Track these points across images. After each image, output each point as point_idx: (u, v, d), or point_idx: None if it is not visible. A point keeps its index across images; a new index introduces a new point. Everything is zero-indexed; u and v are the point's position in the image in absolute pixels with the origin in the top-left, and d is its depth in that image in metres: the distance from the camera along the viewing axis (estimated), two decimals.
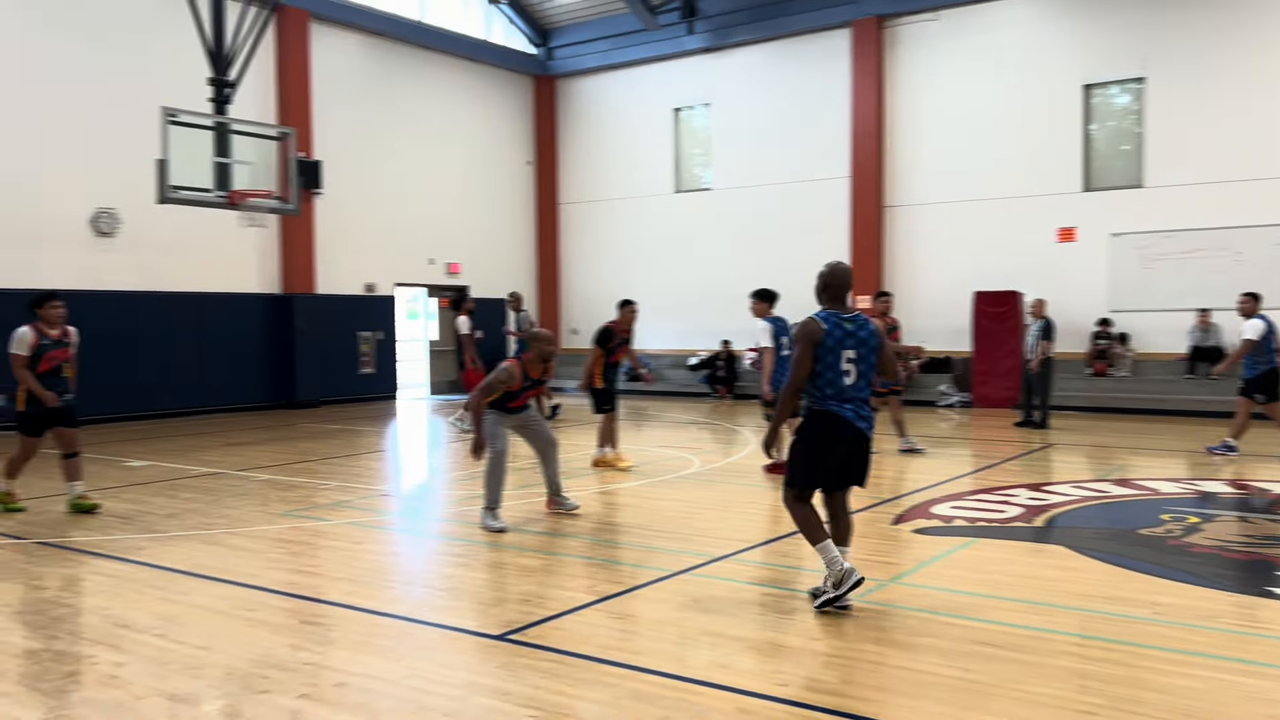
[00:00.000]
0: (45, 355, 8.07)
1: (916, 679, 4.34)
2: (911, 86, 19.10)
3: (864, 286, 19.35)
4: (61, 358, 8.16)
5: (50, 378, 8.11)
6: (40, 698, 4.22)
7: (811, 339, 5.34)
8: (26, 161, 14.89)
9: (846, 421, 5.36)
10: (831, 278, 5.59)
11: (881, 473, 10.54)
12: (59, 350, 8.15)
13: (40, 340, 8.04)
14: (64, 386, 8.25)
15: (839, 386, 5.34)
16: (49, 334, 8.10)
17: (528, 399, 7.80)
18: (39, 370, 8.05)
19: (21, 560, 6.73)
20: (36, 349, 8.01)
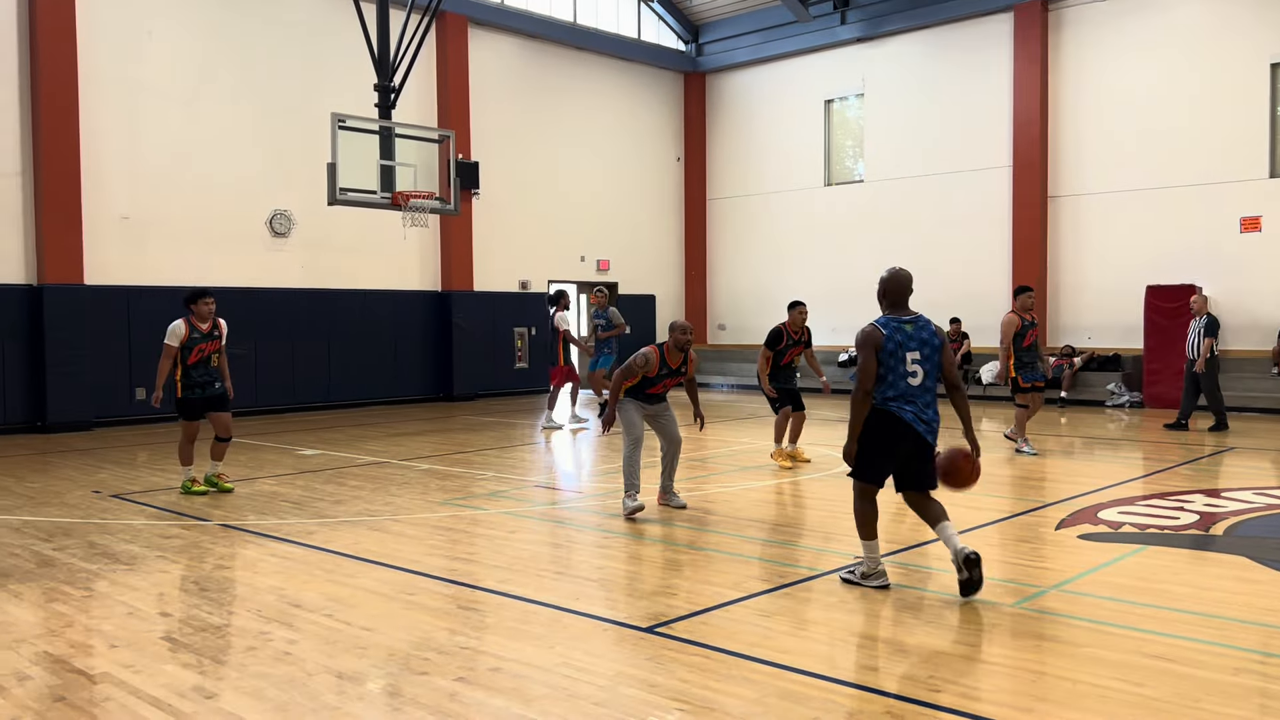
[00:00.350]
0: (195, 347, 8.79)
1: (1081, 691, 4.15)
2: (1078, 71, 18.23)
3: (1027, 280, 18.59)
4: (211, 349, 8.88)
5: (201, 367, 8.86)
6: (222, 669, 4.52)
7: (873, 344, 5.52)
8: (210, 168, 15.95)
9: (906, 423, 5.51)
10: (891, 283, 5.77)
11: (1044, 476, 10.12)
12: (208, 343, 8.86)
13: (191, 333, 8.76)
14: (214, 375, 8.98)
15: (901, 388, 5.52)
16: (200, 327, 8.81)
17: (666, 387, 7.99)
18: (190, 360, 8.78)
19: (207, 541, 7.23)
20: (187, 341, 8.74)
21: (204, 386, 8.93)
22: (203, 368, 8.88)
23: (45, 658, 4.71)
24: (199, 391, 8.90)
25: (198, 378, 8.87)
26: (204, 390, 8.93)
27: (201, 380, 8.90)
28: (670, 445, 8.13)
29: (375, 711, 4.03)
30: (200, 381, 8.90)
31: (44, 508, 8.54)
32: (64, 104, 14.29)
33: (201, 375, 8.89)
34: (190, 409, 8.94)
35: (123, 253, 15.10)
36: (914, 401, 5.52)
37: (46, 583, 6.08)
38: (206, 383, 8.93)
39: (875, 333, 5.55)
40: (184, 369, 8.81)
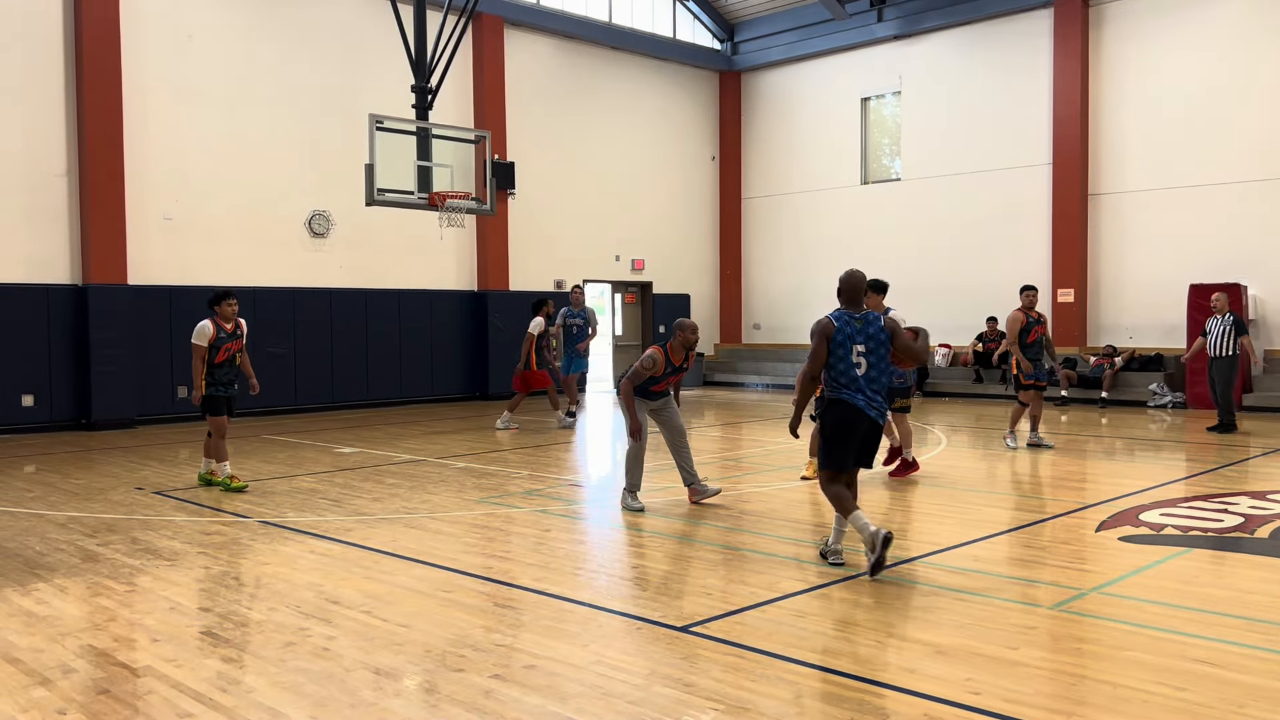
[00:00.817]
0: (222, 347, 9.10)
1: (1123, 695, 4.09)
2: (1119, 67, 17.98)
3: (1067, 280, 18.44)
4: (235, 348, 9.20)
5: (226, 366, 9.15)
6: (261, 664, 4.58)
7: (825, 333, 6.18)
8: (250, 169, 16.15)
9: (858, 409, 6.11)
10: (847, 283, 6.32)
11: (1085, 477, 9.99)
12: (233, 342, 9.17)
13: (218, 333, 9.05)
14: (236, 374, 9.27)
15: (850, 376, 6.14)
16: (225, 327, 9.12)
17: (669, 384, 8.16)
18: (216, 360, 9.07)
19: (247, 537, 7.32)
20: (215, 341, 9.03)
21: (228, 385, 9.25)
22: (228, 366, 9.19)
23: (89, 651, 4.79)
24: (224, 389, 9.20)
25: (223, 376, 9.16)
26: (228, 389, 9.25)
27: (226, 379, 9.21)
28: (677, 435, 8.26)
29: (412, 708, 4.06)
30: (225, 380, 9.20)
31: (88, 504, 8.70)
32: (108, 107, 14.54)
33: (226, 374, 9.19)
34: (217, 405, 9.21)
35: (165, 253, 15.33)
36: (864, 390, 6.12)
37: (91, 577, 6.19)
38: (230, 381, 9.25)
39: (828, 324, 6.19)
40: (210, 368, 9.09)
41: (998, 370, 18.63)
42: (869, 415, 6.12)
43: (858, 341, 6.14)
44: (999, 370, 18.60)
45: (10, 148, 14.01)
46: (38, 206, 14.28)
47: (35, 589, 5.92)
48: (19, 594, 5.82)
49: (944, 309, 19.99)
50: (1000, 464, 11.07)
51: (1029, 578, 5.99)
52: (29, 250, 14.21)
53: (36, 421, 14.17)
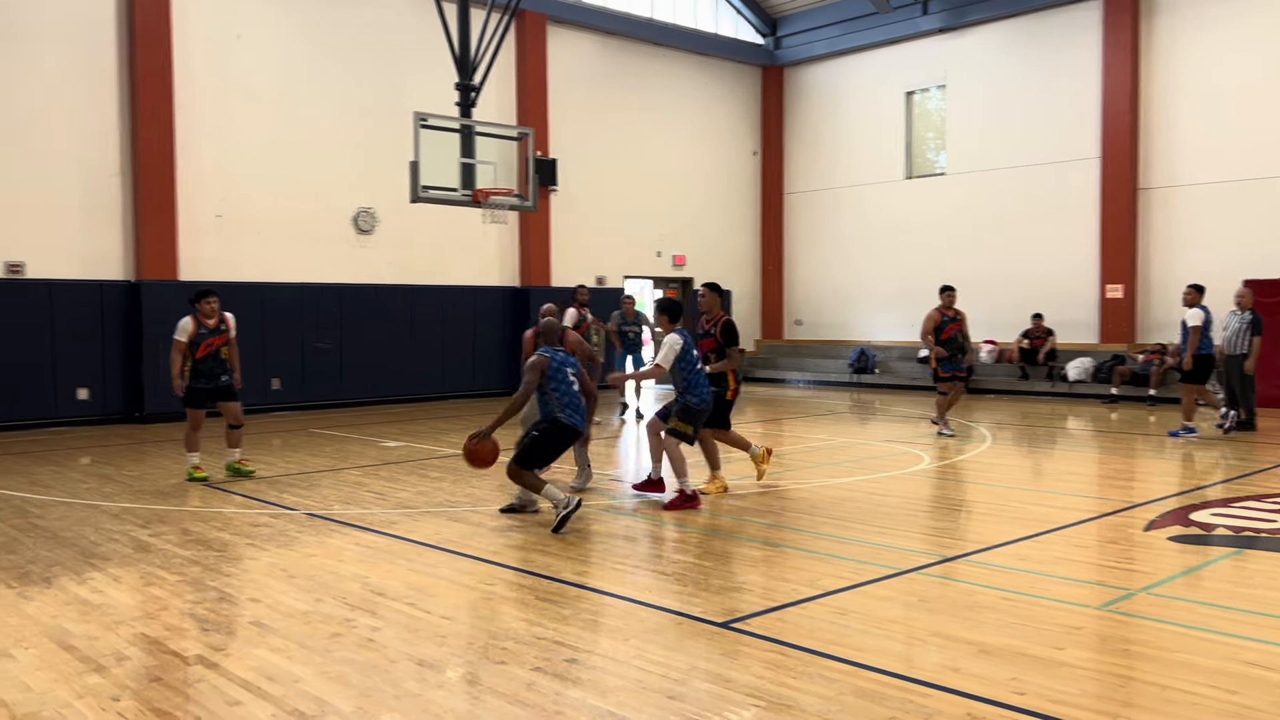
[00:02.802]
0: (203, 342, 9.41)
1: (1171, 697, 4.03)
2: (1172, 58, 17.64)
3: (1116, 275, 18.15)
4: (218, 343, 9.50)
5: (210, 360, 9.46)
6: (308, 654, 4.65)
7: (540, 368, 7.30)
8: (298, 167, 16.37)
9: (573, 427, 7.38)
10: (545, 328, 7.66)
11: (1133, 475, 9.84)
12: (215, 337, 9.48)
13: (199, 329, 9.38)
14: (222, 368, 9.55)
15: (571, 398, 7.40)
16: (206, 323, 9.42)
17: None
18: (198, 355, 9.39)
19: (294, 529, 7.43)
20: (195, 337, 9.36)
21: (211, 377, 9.50)
22: (210, 360, 9.47)
23: (142, 639, 4.90)
24: (205, 382, 9.48)
25: (205, 370, 9.45)
26: (210, 381, 9.50)
27: (208, 372, 9.48)
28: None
29: (455, 699, 4.11)
30: (207, 373, 9.47)
31: (141, 495, 8.88)
32: (160, 107, 14.82)
33: (209, 367, 9.47)
34: (196, 398, 9.50)
35: (215, 250, 15.59)
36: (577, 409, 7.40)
37: (143, 567, 6.32)
38: (214, 374, 9.51)
39: (543, 359, 7.38)
40: (193, 362, 9.41)
41: (1044, 368, 18.39)
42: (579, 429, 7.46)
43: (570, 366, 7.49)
44: (1045, 367, 18.37)
45: (66, 148, 14.32)
46: (92, 205, 14.59)
47: (90, 578, 6.07)
48: (75, 583, 5.96)
49: (989, 305, 19.75)
50: (1047, 461, 10.93)
51: (1076, 577, 5.91)
52: (84, 248, 14.52)
53: (91, 414, 14.49)
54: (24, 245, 14.01)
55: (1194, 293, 12.39)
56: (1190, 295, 12.38)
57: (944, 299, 12.67)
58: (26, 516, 7.97)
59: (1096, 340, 18.52)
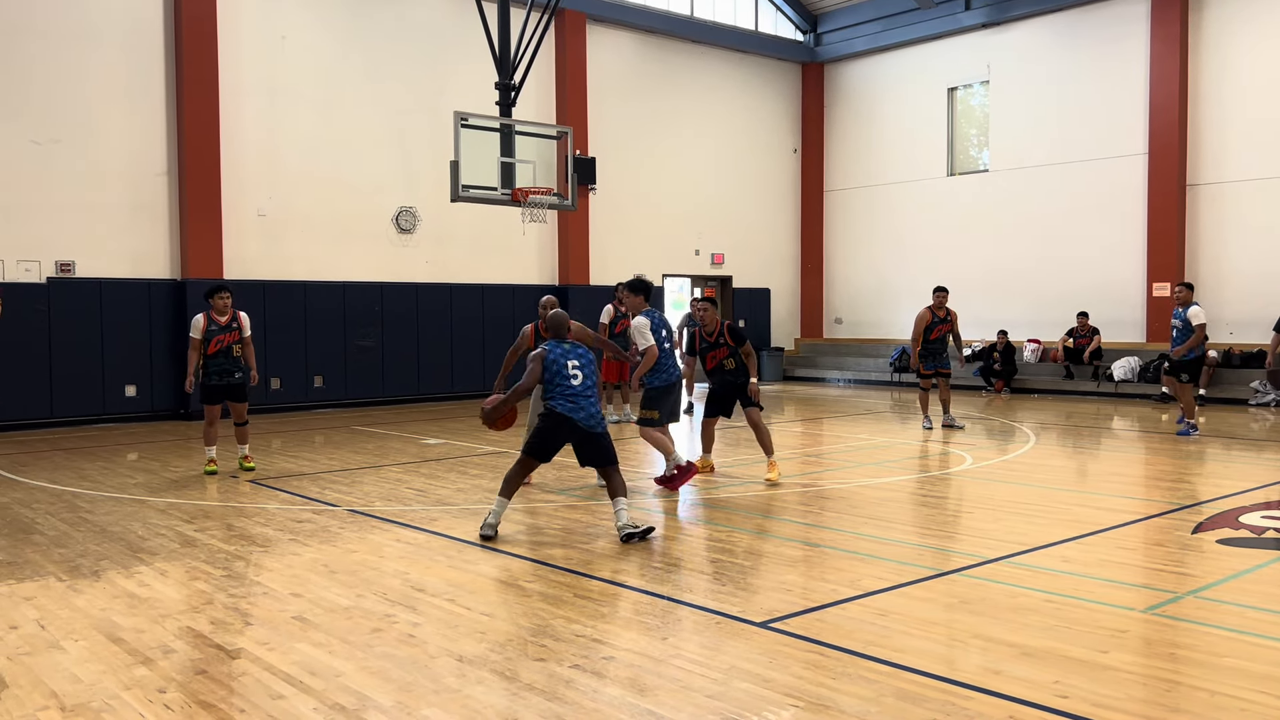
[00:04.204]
0: (214, 338, 9.50)
1: (1219, 703, 3.95)
2: (1221, 51, 17.30)
3: (1164, 273, 17.83)
4: (230, 340, 9.56)
5: (220, 357, 9.54)
6: (350, 649, 4.70)
7: (539, 359, 7.07)
8: (340, 166, 16.55)
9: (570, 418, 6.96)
10: (551, 321, 7.40)
11: (1181, 477, 9.67)
12: (226, 334, 9.55)
13: (210, 326, 9.48)
14: (235, 365, 9.63)
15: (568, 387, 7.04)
16: (217, 320, 9.53)
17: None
18: (210, 351, 9.49)
19: (336, 526, 7.52)
20: (206, 333, 9.45)
21: (223, 374, 9.60)
22: (222, 357, 9.55)
23: (188, 632, 4.98)
24: (216, 379, 9.59)
25: (215, 367, 9.54)
26: (223, 378, 9.61)
27: (220, 369, 9.57)
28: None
29: (494, 695, 4.13)
30: (218, 370, 9.57)
31: (187, 491, 9.03)
32: (206, 107, 15.05)
33: (220, 364, 9.56)
34: (208, 395, 9.63)
35: (259, 248, 15.80)
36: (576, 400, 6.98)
37: (189, 562, 6.42)
38: (225, 371, 9.60)
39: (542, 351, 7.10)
40: (204, 358, 9.49)
41: (1089, 367, 18.12)
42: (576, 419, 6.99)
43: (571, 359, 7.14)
44: (1090, 367, 18.10)
45: (115, 147, 14.59)
46: (140, 204, 14.85)
47: (137, 572, 6.18)
48: (123, 576, 6.07)
49: (1033, 304, 19.51)
50: (1092, 462, 10.77)
51: (1121, 580, 5.82)
52: (132, 246, 14.79)
53: (139, 411, 14.76)
54: (73, 245, 14.30)
55: (1188, 291, 12.30)
56: (1186, 294, 12.23)
57: (935, 299, 13.01)
58: (76, 511, 8.13)
59: (1143, 339, 18.22)
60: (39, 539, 7.11)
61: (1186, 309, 12.04)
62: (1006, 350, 18.89)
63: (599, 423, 7.02)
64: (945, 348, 13.03)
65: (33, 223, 13.99)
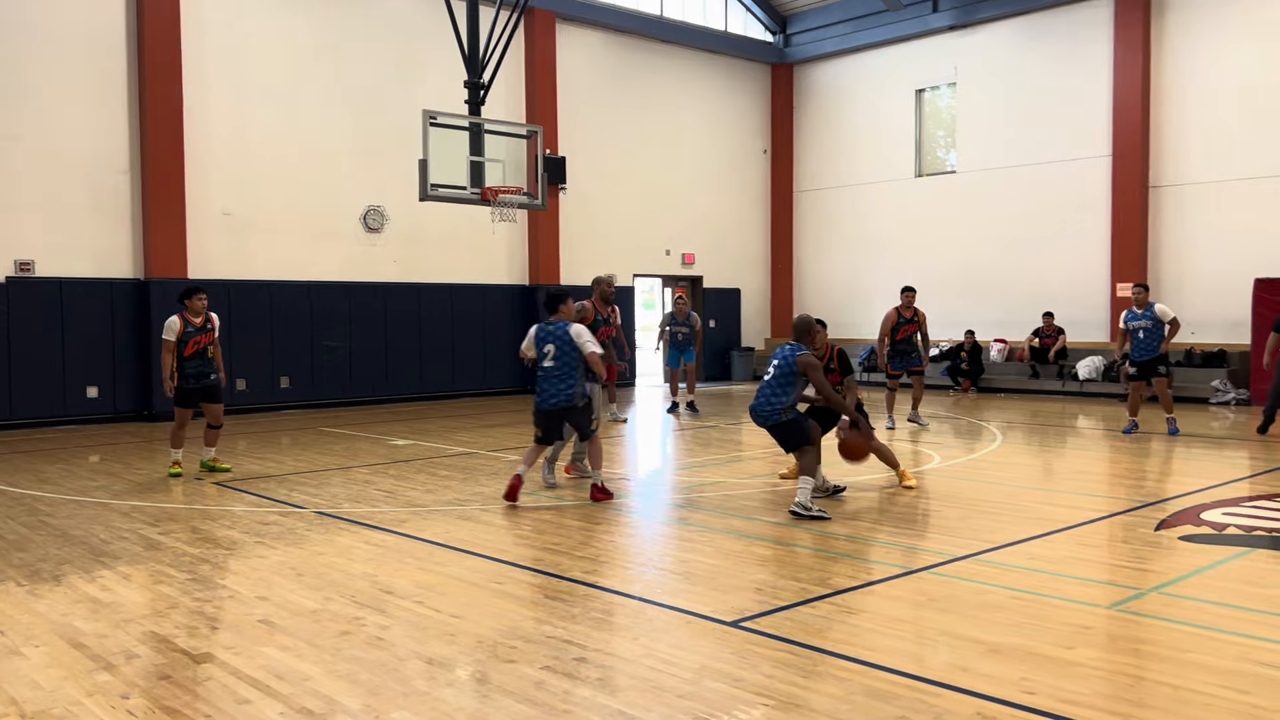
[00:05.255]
0: (190, 340, 9.39)
1: (1183, 698, 4.00)
2: (1182, 56, 17.56)
3: (1127, 273, 18.06)
4: (205, 341, 9.47)
5: (196, 359, 9.45)
6: (317, 653, 4.66)
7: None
8: (306, 165, 16.40)
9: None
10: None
11: (1144, 475, 9.80)
12: (202, 335, 9.46)
13: (186, 327, 9.36)
14: (210, 366, 9.55)
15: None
16: (193, 321, 9.42)
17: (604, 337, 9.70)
18: (185, 353, 9.38)
19: (303, 528, 7.44)
20: (183, 335, 9.34)
21: (199, 377, 9.50)
22: (198, 359, 9.46)
23: (151, 637, 4.91)
24: (193, 382, 9.47)
25: (192, 369, 9.43)
26: (199, 380, 9.51)
27: (196, 371, 9.47)
28: None
29: (464, 698, 4.10)
30: (195, 373, 9.46)
31: (150, 494, 8.90)
32: (169, 104, 14.85)
33: (196, 367, 9.46)
34: (184, 397, 9.50)
35: (224, 247, 15.63)
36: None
37: (153, 565, 6.34)
38: (202, 373, 9.51)
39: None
40: (180, 361, 9.36)
41: (1054, 366, 18.32)
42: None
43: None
44: (1056, 366, 18.31)
45: (75, 145, 14.37)
46: (102, 203, 14.64)
47: (100, 576, 6.08)
48: (84, 580, 5.98)
49: (1000, 304, 19.71)
50: (1058, 460, 10.89)
51: (1086, 577, 5.88)
52: (93, 245, 14.57)
53: (101, 412, 14.55)
54: (33, 243, 14.07)
55: (1145, 292, 12.32)
56: (1144, 295, 12.23)
57: (903, 299, 13.08)
58: (36, 514, 8.00)
59: (1107, 339, 18.45)
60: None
61: (1149, 308, 12.11)
62: (973, 350, 19.07)
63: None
64: (914, 348, 13.10)
65: None
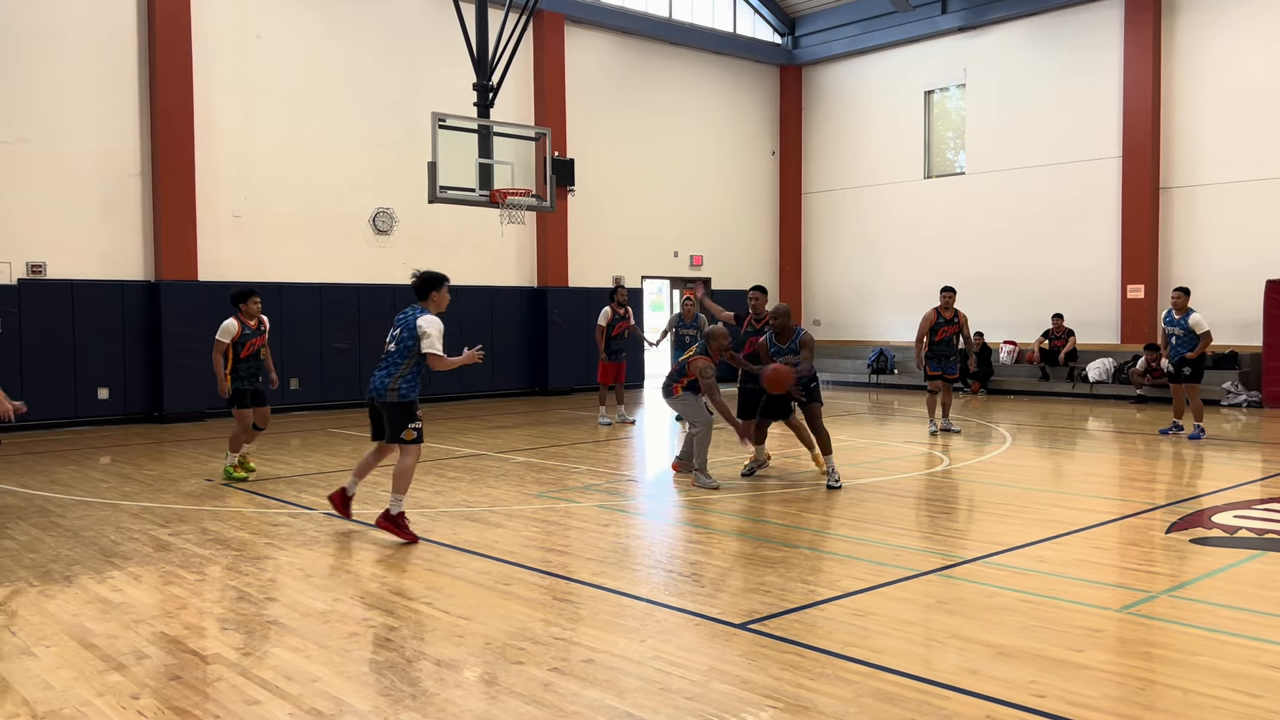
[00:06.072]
0: (247, 342, 9.38)
1: (1193, 701, 3.99)
2: (1193, 56, 17.49)
3: (1137, 275, 18.01)
4: (259, 344, 9.47)
5: (250, 361, 9.43)
6: (326, 654, 4.67)
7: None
8: (316, 167, 16.44)
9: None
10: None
11: (1155, 477, 9.76)
12: (257, 338, 9.46)
13: (243, 330, 9.35)
14: (262, 369, 9.57)
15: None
16: (249, 324, 9.41)
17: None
18: (241, 355, 9.35)
19: (312, 529, 7.46)
20: (239, 337, 9.32)
21: (251, 379, 9.50)
22: (252, 361, 9.46)
23: (161, 638, 4.93)
24: (246, 383, 9.46)
25: (246, 371, 9.42)
26: (251, 382, 9.50)
27: (250, 373, 9.47)
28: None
29: (472, 699, 4.11)
30: (248, 374, 9.46)
31: (161, 495, 8.94)
32: (179, 107, 14.91)
33: (251, 368, 9.46)
34: (241, 398, 9.49)
35: (234, 249, 15.68)
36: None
37: (163, 566, 6.36)
38: (253, 375, 9.51)
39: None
40: (235, 363, 9.35)
41: (1064, 368, 18.27)
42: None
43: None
44: (1066, 368, 18.25)
45: (86, 148, 14.43)
46: (112, 205, 14.70)
47: (110, 577, 6.11)
48: (95, 581, 6.00)
49: (1009, 305, 19.65)
50: (1067, 463, 10.86)
51: (1096, 579, 5.86)
52: (104, 247, 14.63)
53: (111, 414, 14.60)
54: (45, 245, 14.13)
55: (1184, 296, 12.20)
56: (1182, 299, 12.13)
57: (942, 299, 12.74)
58: (48, 515, 8.04)
59: (1118, 341, 18.39)
60: (9, 544, 7.02)
61: (1185, 316, 12.03)
62: (983, 352, 19.02)
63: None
64: (953, 350, 12.77)
65: (3, 223, 13.82)
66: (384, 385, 7.04)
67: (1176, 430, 12.43)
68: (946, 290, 12.79)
